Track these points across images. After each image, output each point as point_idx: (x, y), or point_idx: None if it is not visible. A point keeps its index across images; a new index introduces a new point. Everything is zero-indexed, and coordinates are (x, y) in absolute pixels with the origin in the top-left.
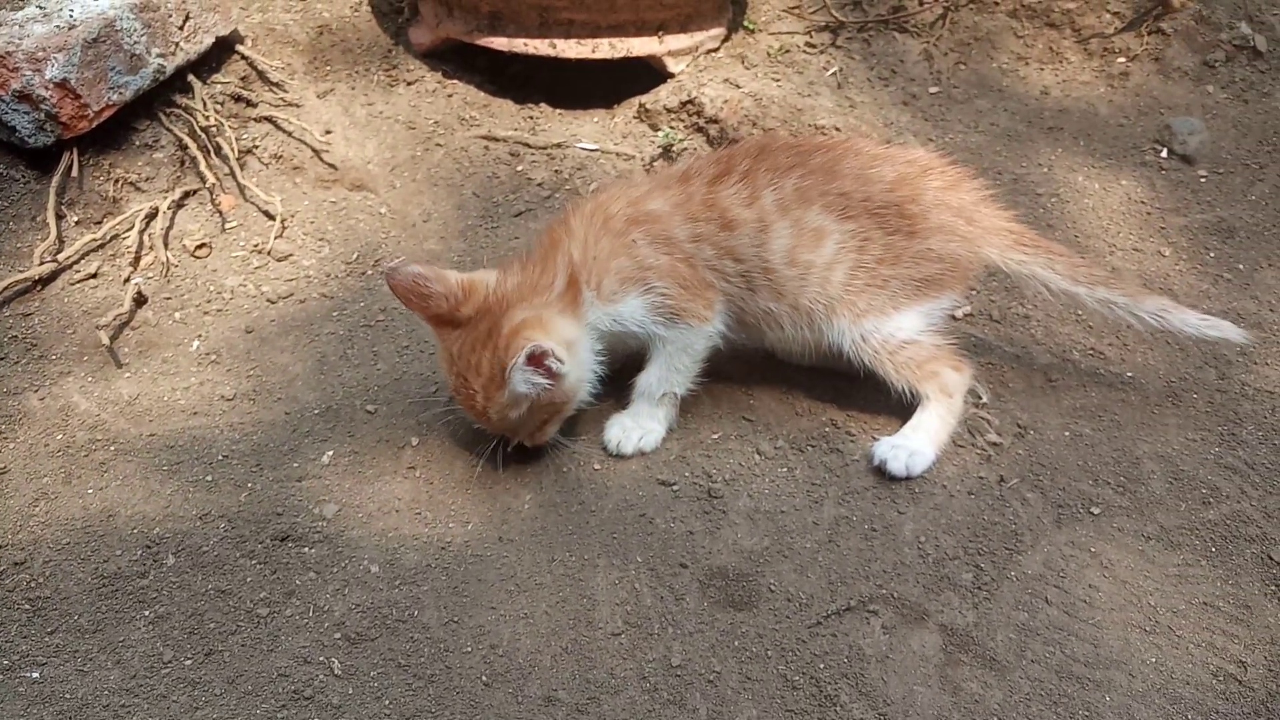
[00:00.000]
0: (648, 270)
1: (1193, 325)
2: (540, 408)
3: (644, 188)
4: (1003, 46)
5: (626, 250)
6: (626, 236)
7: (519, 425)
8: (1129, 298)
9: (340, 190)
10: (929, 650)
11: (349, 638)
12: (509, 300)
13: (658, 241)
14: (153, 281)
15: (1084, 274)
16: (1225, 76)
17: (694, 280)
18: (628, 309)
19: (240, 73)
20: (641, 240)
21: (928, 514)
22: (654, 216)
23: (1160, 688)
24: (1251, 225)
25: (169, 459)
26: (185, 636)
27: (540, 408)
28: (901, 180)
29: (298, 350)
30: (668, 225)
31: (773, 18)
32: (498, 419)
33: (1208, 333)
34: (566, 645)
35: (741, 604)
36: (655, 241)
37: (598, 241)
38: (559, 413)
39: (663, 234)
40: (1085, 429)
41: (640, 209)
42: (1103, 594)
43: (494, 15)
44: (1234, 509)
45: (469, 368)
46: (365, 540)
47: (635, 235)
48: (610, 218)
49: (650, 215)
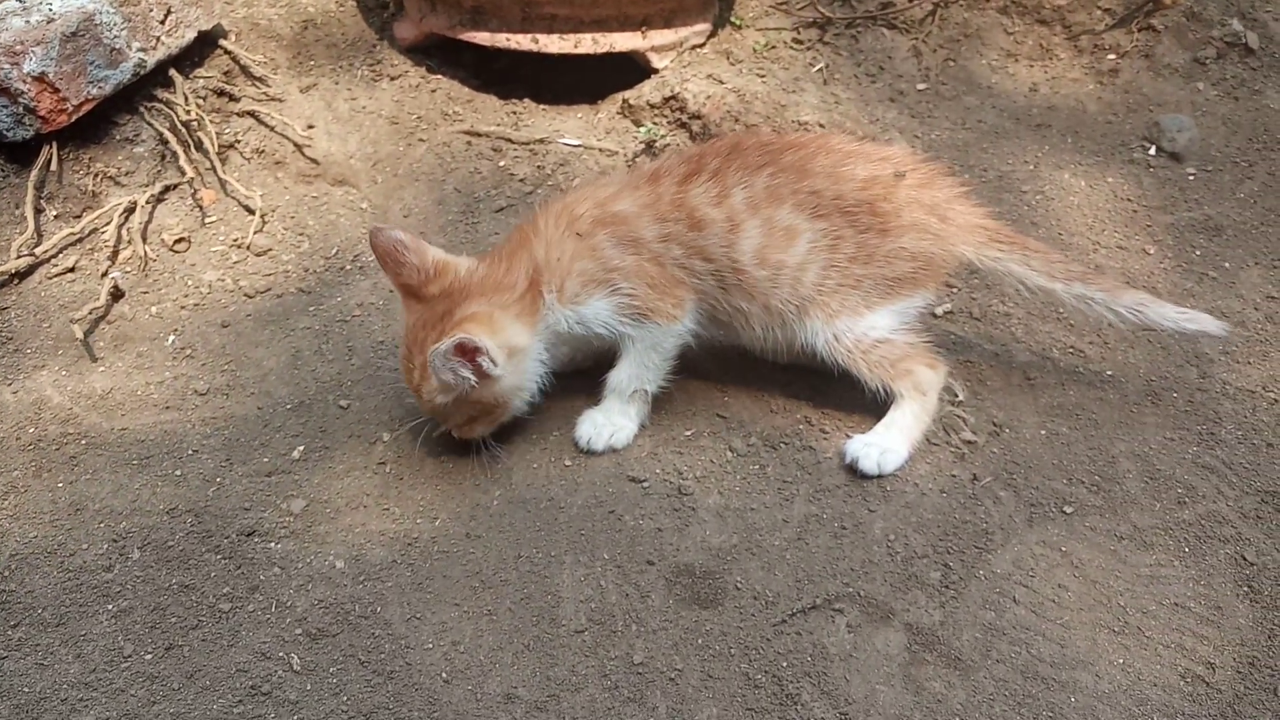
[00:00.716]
0: (613, 272)
1: (1170, 319)
2: (467, 403)
3: (612, 188)
4: (992, 43)
5: (591, 253)
6: (592, 239)
7: (446, 413)
8: (1106, 293)
9: (322, 185)
10: (893, 649)
11: (310, 633)
12: (470, 290)
13: (624, 243)
14: (130, 275)
15: (1060, 270)
16: (1216, 74)
17: (662, 279)
18: (591, 311)
19: (223, 67)
20: (607, 242)
21: (898, 512)
22: (621, 217)
23: (1126, 689)
24: (1239, 223)
25: (139, 453)
26: (146, 631)
27: (467, 403)
28: (874, 178)
29: (272, 345)
30: (635, 226)
31: (760, 13)
32: (426, 400)
33: (1186, 326)
34: (529, 642)
35: (707, 602)
36: (621, 243)
37: (561, 243)
38: (489, 414)
39: (629, 235)
40: (1062, 427)
41: (607, 210)
42: (1072, 594)
43: (476, 10)
44: (1209, 509)
45: (415, 343)
46: (332, 536)
47: (600, 237)
48: (576, 219)
49: (617, 216)
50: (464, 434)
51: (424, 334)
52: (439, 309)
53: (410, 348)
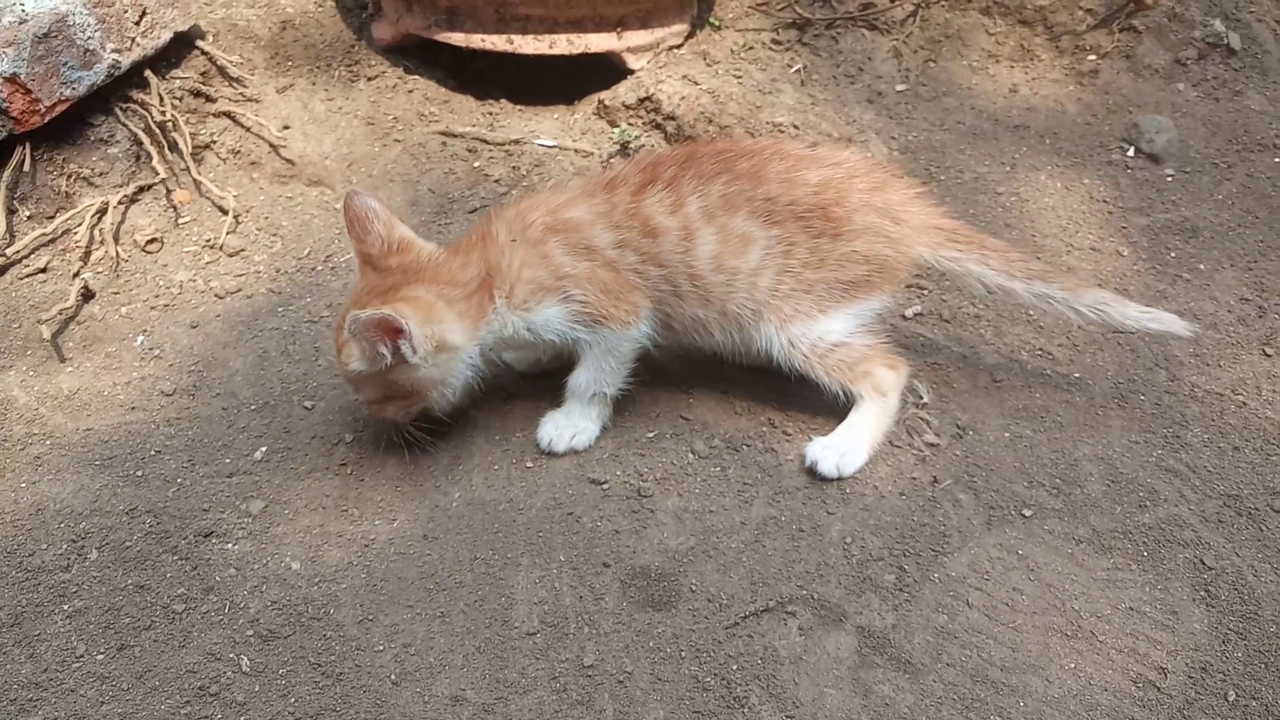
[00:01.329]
0: (564, 279)
1: (1133, 318)
2: (382, 381)
3: (567, 195)
4: (974, 44)
5: (541, 260)
6: (543, 246)
7: (359, 384)
8: (1067, 291)
9: (297, 186)
10: (843, 652)
11: (261, 635)
12: (423, 275)
13: (576, 250)
14: (102, 276)
15: (1020, 268)
16: (1197, 74)
17: (617, 285)
18: (542, 318)
19: (200, 68)
20: (558, 249)
21: (857, 515)
22: (573, 224)
23: (1076, 694)
24: (1216, 225)
25: (103, 454)
26: (100, 631)
27: (382, 381)
28: (826, 183)
29: (240, 346)
30: (588, 233)
31: (740, 14)
32: (342, 363)
33: (1150, 325)
34: (480, 644)
35: (661, 604)
36: (574, 250)
37: (512, 250)
38: (403, 400)
39: (582, 242)
40: (1026, 430)
41: (559, 217)
42: (1026, 597)
43: (451, 10)
44: (1170, 513)
45: (356, 305)
46: (289, 537)
47: (552, 245)
48: (528, 226)
49: (569, 224)
50: (375, 411)
51: (365, 299)
52: (389, 282)
53: (350, 309)
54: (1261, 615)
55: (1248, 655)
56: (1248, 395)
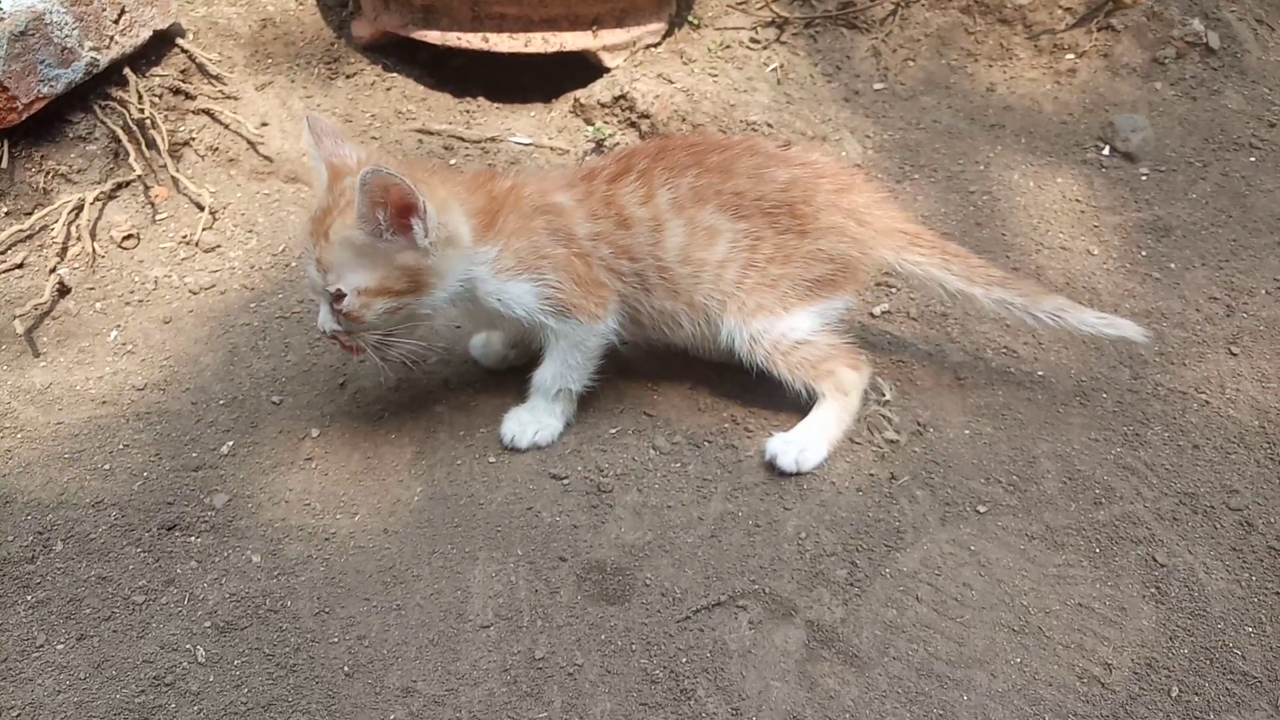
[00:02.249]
0: (543, 259)
1: (1090, 324)
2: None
3: (553, 181)
4: (953, 43)
5: (529, 234)
6: (532, 221)
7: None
8: (1025, 298)
9: (274, 182)
10: (791, 645)
11: (218, 626)
12: (436, 174)
13: (558, 233)
14: (78, 272)
15: (980, 274)
16: (1175, 73)
17: (587, 277)
18: (515, 292)
19: (180, 66)
20: (543, 228)
21: (813, 510)
22: (558, 209)
23: (1021, 688)
24: (1189, 224)
25: (72, 447)
26: (61, 621)
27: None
28: (794, 181)
29: (211, 341)
30: (570, 220)
31: (719, 13)
32: (338, 244)
33: (1105, 331)
34: (434, 637)
35: (614, 598)
36: (555, 233)
37: (508, 215)
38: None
39: (564, 227)
40: (986, 427)
41: (547, 199)
42: (975, 592)
43: (427, 9)
44: (1125, 510)
45: (339, 194)
46: (251, 530)
47: (539, 222)
48: (522, 200)
49: (555, 207)
50: (349, 319)
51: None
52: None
53: (328, 207)
54: (1210, 613)
55: (1193, 652)
56: (1211, 394)
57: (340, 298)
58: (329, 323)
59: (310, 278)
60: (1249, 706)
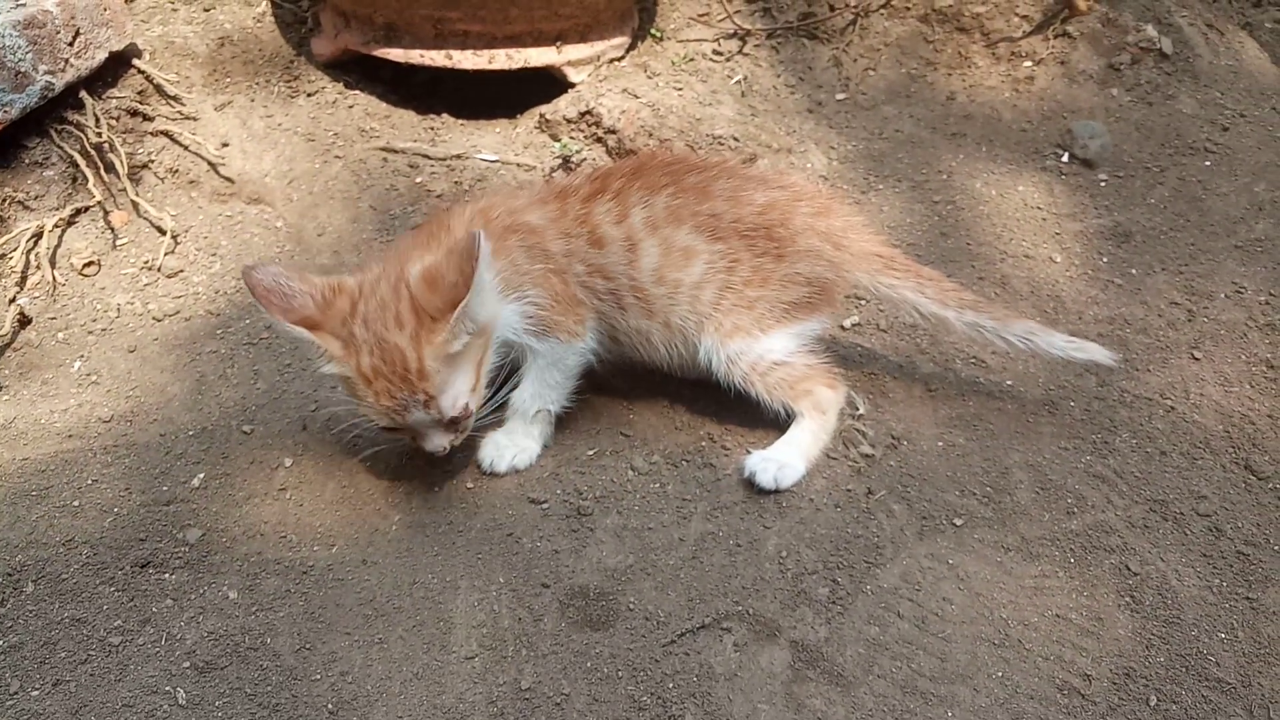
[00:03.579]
0: (524, 277)
1: (1059, 348)
2: (473, 348)
3: (523, 199)
4: (913, 52)
5: (504, 254)
6: (505, 242)
7: (460, 370)
8: (997, 321)
9: (237, 204)
10: (777, 667)
11: (198, 666)
12: (401, 258)
13: (533, 251)
14: (39, 301)
15: (953, 298)
16: (1130, 79)
17: (565, 295)
18: (504, 315)
19: (137, 87)
20: (518, 247)
21: (792, 528)
22: (531, 228)
23: (1004, 702)
24: (1148, 229)
25: (39, 483)
26: (35, 666)
27: (473, 348)
28: (772, 204)
29: (178, 370)
30: (543, 238)
31: (681, 25)
32: (436, 369)
33: (1074, 355)
34: (418, 670)
35: (599, 624)
36: (531, 251)
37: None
38: (482, 362)
39: (538, 245)
40: (959, 439)
41: (518, 219)
42: (955, 607)
43: (389, 27)
44: (1098, 519)
45: (385, 329)
46: (227, 565)
47: (512, 242)
48: (490, 222)
49: (527, 226)
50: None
51: (388, 312)
52: (382, 291)
53: (381, 340)
54: (1184, 619)
55: (1169, 660)
56: (1176, 399)
57: (466, 414)
58: (449, 439)
59: (419, 420)
60: (1225, 713)
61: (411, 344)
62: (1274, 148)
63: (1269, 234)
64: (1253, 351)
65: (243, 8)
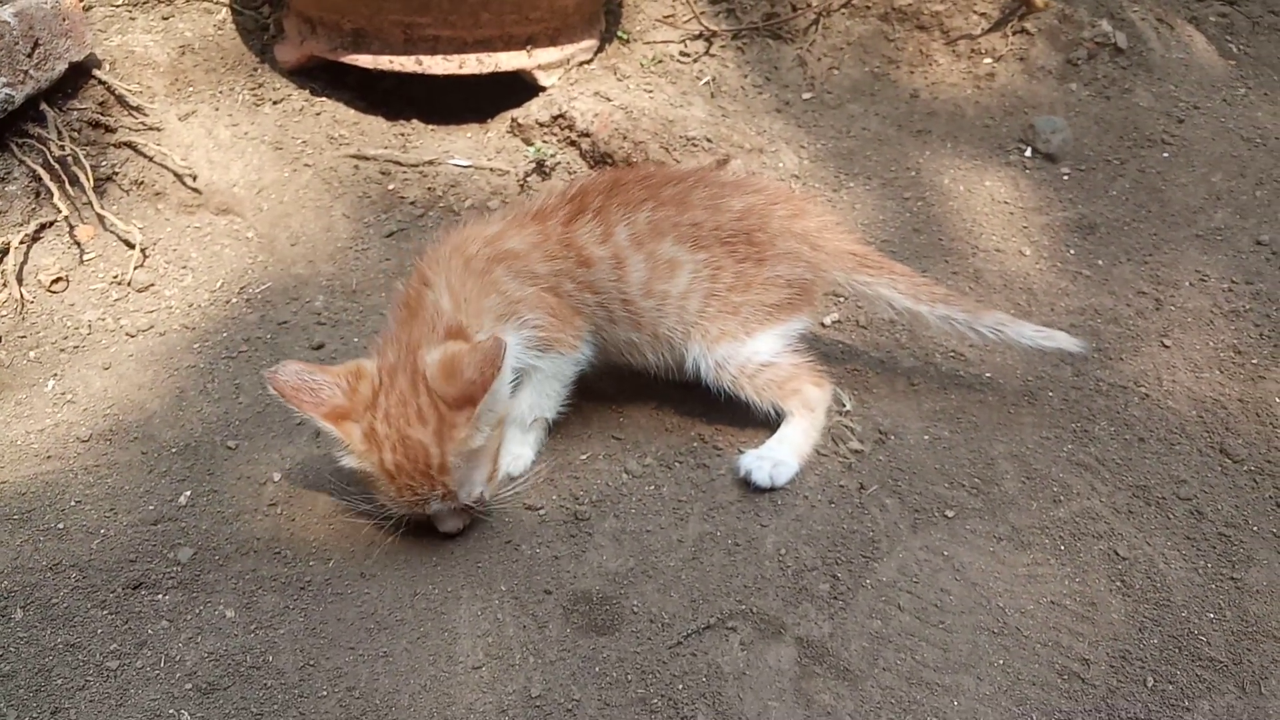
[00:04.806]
0: (518, 303)
1: (1028, 337)
2: (492, 439)
3: (496, 226)
4: (874, 50)
5: (493, 287)
6: (490, 275)
7: (479, 463)
8: (968, 313)
9: (205, 215)
10: (784, 664)
11: (200, 688)
12: (411, 346)
13: (521, 275)
14: (7, 320)
15: (925, 292)
16: (1088, 74)
17: (561, 309)
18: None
19: (98, 98)
20: (505, 275)
21: (789, 525)
22: (514, 254)
23: (1007, 690)
24: (1112, 221)
25: (20, 507)
26: (31, 695)
27: (492, 439)
28: (749, 209)
29: (156, 386)
30: (528, 261)
31: (647, 27)
32: (458, 464)
33: (1043, 344)
34: (426, 682)
35: (604, 628)
36: (519, 275)
37: (464, 285)
38: (498, 451)
39: (525, 269)
40: (944, 432)
41: (498, 248)
42: (954, 598)
43: (357, 33)
44: (1084, 506)
45: (408, 424)
46: (221, 584)
47: (499, 272)
48: (470, 259)
49: (510, 253)
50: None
51: (409, 408)
52: (400, 384)
53: (404, 437)
54: (1173, 602)
55: (1162, 641)
56: (1149, 387)
57: (482, 500)
58: (463, 522)
59: (439, 511)
60: (1218, 690)
61: (435, 440)
62: (1228, 139)
63: (1228, 223)
64: (1219, 338)
65: (202, 15)
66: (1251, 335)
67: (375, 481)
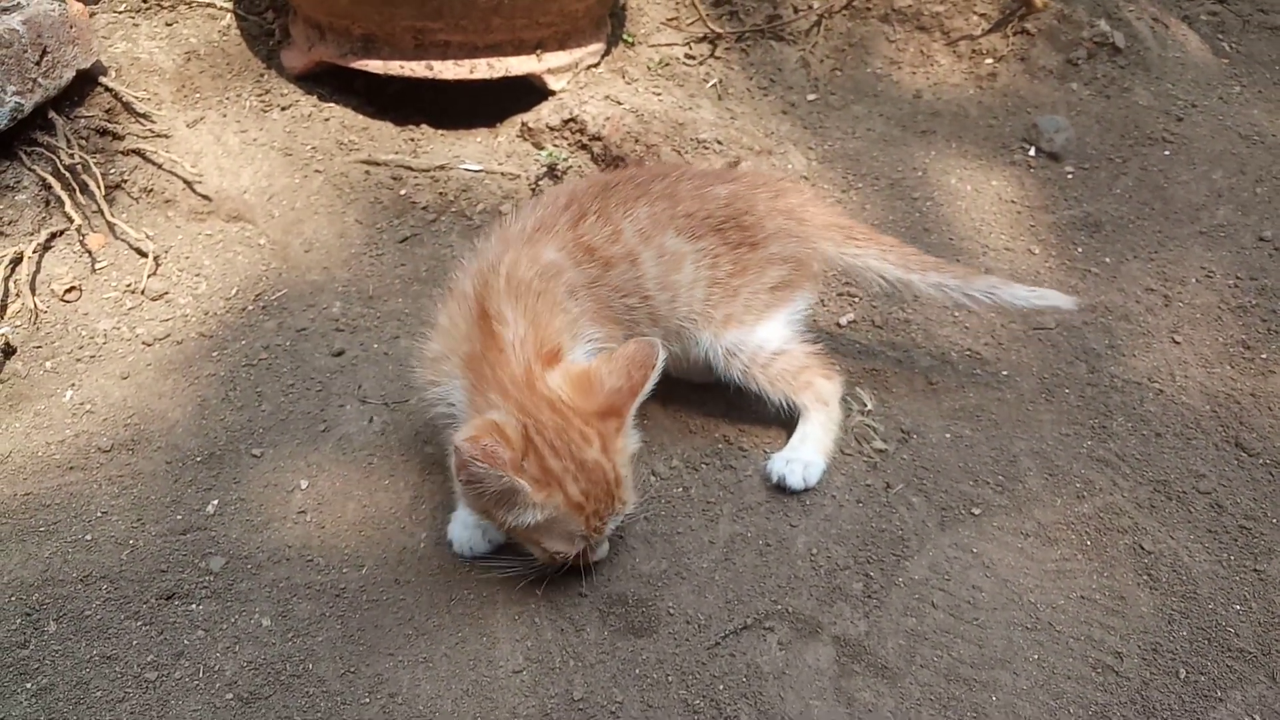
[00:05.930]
0: (576, 321)
1: (1021, 298)
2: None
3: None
4: (876, 51)
5: (555, 305)
6: (551, 294)
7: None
8: (959, 279)
9: (216, 222)
10: (823, 663)
11: (241, 698)
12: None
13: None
14: (21, 330)
15: (915, 261)
16: (1088, 73)
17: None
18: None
19: (105, 105)
20: (562, 292)
21: (819, 525)
22: (557, 267)
23: (1043, 684)
24: (1117, 218)
25: (46, 519)
26: (71, 708)
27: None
28: (735, 195)
29: (176, 395)
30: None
31: (652, 29)
32: (626, 475)
33: (1036, 303)
34: (467, 687)
35: (641, 630)
36: (570, 290)
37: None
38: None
39: (569, 283)
40: (965, 430)
41: (540, 264)
42: (985, 594)
43: (367, 38)
44: (1107, 501)
45: (579, 450)
46: (255, 593)
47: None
48: (523, 283)
49: (552, 266)
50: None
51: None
52: (547, 418)
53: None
54: (1200, 594)
55: (1192, 634)
56: (1163, 383)
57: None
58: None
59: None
60: (1250, 681)
61: (604, 456)
62: (1226, 136)
63: (1230, 219)
64: (1228, 333)
65: (206, 21)
66: (1259, 330)
67: (554, 525)
